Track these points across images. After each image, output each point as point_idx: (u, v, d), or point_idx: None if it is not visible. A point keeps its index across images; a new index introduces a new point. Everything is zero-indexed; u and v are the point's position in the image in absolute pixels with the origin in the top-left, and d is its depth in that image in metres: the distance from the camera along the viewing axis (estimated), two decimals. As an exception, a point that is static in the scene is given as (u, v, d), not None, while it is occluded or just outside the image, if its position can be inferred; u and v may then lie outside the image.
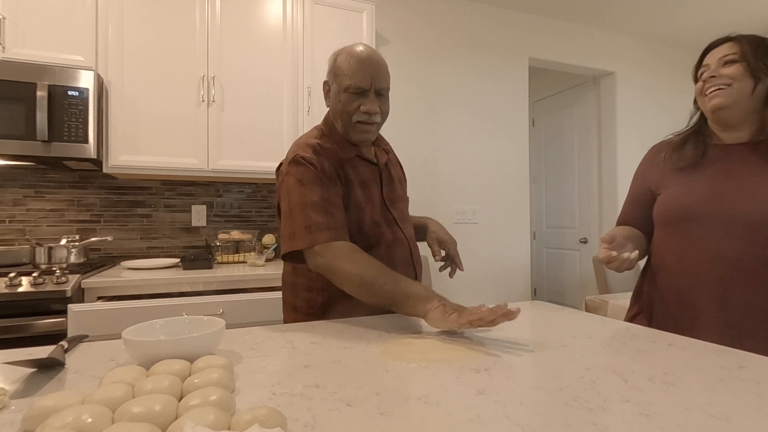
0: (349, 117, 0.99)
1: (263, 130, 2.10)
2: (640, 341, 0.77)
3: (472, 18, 2.97)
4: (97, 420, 0.40)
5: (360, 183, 1.03)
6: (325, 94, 1.06)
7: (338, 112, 1.01)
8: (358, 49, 0.99)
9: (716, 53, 0.97)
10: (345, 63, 0.98)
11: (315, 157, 0.96)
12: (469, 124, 2.94)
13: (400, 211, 1.11)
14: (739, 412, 0.48)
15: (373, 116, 0.99)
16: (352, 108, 0.98)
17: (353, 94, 0.97)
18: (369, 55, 0.98)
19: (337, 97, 1.00)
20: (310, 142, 1.00)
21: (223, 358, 0.57)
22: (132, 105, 1.91)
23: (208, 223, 2.34)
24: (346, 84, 0.97)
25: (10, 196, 2.02)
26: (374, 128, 1.02)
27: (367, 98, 0.98)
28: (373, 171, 1.07)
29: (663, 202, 1.04)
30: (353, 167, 1.03)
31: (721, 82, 0.94)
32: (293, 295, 1.07)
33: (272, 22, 2.12)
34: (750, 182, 0.92)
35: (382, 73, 0.99)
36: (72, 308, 1.39)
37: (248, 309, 1.60)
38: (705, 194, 0.96)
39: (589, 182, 3.59)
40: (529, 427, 0.45)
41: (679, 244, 1.00)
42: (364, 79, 0.96)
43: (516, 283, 3.10)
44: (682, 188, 1.00)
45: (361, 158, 1.05)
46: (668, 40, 3.60)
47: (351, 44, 1.02)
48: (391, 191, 1.10)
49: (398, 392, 0.54)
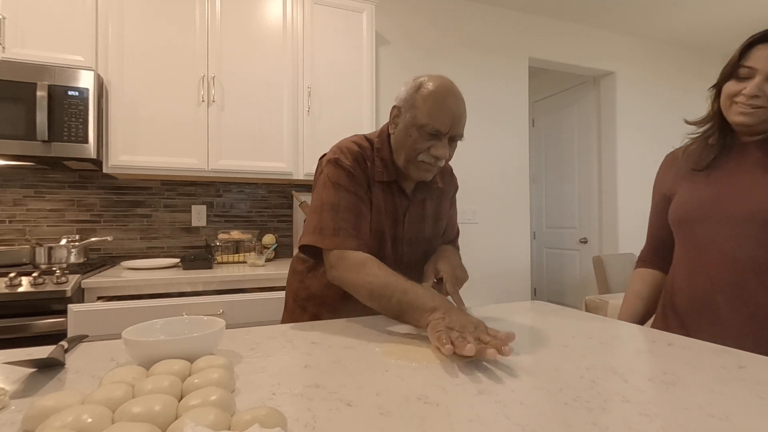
0: (416, 155, 0.94)
1: (263, 130, 2.10)
2: (640, 341, 0.77)
3: (472, 18, 2.97)
4: (97, 420, 0.40)
5: (378, 210, 0.98)
6: (392, 118, 0.99)
7: (405, 146, 0.95)
8: (445, 89, 0.92)
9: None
10: (428, 98, 0.91)
11: (354, 166, 0.95)
12: (469, 124, 2.94)
13: (413, 254, 1.05)
14: (739, 412, 0.48)
15: (440, 161, 0.94)
16: (421, 147, 0.93)
17: (428, 134, 0.92)
18: (456, 100, 0.93)
19: (408, 131, 0.94)
20: (355, 149, 0.97)
21: (223, 358, 0.57)
22: (132, 105, 1.91)
23: (208, 223, 2.34)
24: (422, 122, 0.91)
25: (10, 196, 2.02)
26: (435, 170, 0.97)
27: (440, 142, 0.93)
28: (401, 204, 1.02)
29: (675, 204, 1.01)
30: (383, 192, 0.99)
31: (758, 104, 0.85)
32: (299, 282, 1.08)
33: (272, 22, 2.12)
34: (760, 180, 0.89)
35: (462, 120, 0.94)
36: (72, 308, 1.39)
37: (248, 309, 1.60)
38: (713, 194, 0.93)
39: (589, 182, 3.59)
40: (529, 427, 0.45)
41: (690, 246, 0.97)
42: (444, 124, 0.91)
43: (516, 283, 3.09)
44: (693, 189, 0.97)
45: (397, 186, 1.01)
46: (668, 39, 3.60)
47: (437, 77, 0.94)
48: (413, 231, 1.04)
49: (398, 392, 0.54)
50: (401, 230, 1.02)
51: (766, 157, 0.89)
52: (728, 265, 0.89)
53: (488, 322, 0.91)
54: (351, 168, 0.95)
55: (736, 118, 0.89)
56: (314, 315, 1.04)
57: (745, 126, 0.89)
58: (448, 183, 1.13)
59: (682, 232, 0.99)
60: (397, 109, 0.98)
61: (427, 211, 1.07)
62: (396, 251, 1.02)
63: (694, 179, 0.98)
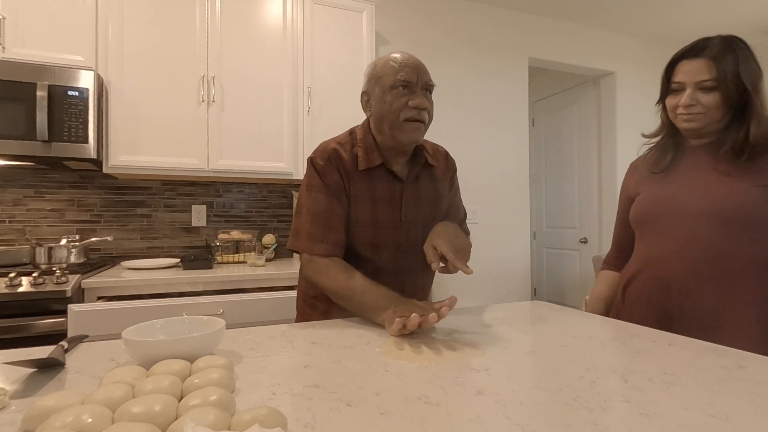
0: (397, 115, 0.95)
1: (263, 130, 2.10)
2: (640, 341, 0.77)
3: (472, 18, 2.97)
4: (97, 420, 0.40)
5: (371, 199, 1.01)
6: (364, 106, 1.03)
7: (385, 114, 0.97)
8: (397, 53, 0.99)
9: (692, 72, 0.96)
10: (387, 64, 0.97)
11: (325, 166, 0.99)
12: (469, 124, 2.94)
13: (414, 236, 1.05)
14: (739, 412, 0.48)
15: (422, 112, 0.96)
16: (400, 104, 0.95)
17: (401, 88, 0.95)
18: (410, 55, 0.98)
19: (382, 99, 0.97)
20: (330, 147, 1.01)
21: (223, 358, 0.57)
22: (132, 105, 1.91)
23: (208, 223, 2.34)
24: (392, 81, 0.95)
25: (10, 196, 2.02)
26: (423, 127, 0.98)
27: (414, 93, 0.95)
28: (394, 188, 1.03)
29: (636, 204, 1.10)
30: (370, 181, 1.01)
31: (697, 111, 0.96)
32: (305, 281, 1.09)
33: (272, 22, 2.12)
34: (708, 180, 0.97)
35: (426, 70, 0.98)
36: (72, 308, 1.39)
37: (248, 309, 1.60)
38: (669, 193, 1.02)
39: (589, 182, 3.59)
40: (529, 427, 0.45)
41: (647, 242, 1.05)
42: (411, 74, 0.95)
43: (516, 283, 3.10)
44: (652, 190, 1.06)
45: (386, 170, 1.02)
46: (668, 40, 3.60)
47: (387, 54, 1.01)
48: (412, 213, 1.05)
49: (398, 392, 0.54)
50: (399, 213, 1.03)
51: (714, 159, 0.99)
52: (682, 261, 0.96)
53: (488, 321, 0.91)
54: (323, 168, 0.99)
55: (683, 125, 1.00)
56: (325, 312, 1.04)
57: (693, 131, 0.99)
58: (442, 163, 1.14)
59: (640, 229, 1.08)
60: (366, 94, 1.02)
61: (423, 192, 1.07)
62: (396, 235, 1.03)
63: (654, 181, 1.07)
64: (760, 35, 3.43)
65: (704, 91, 0.95)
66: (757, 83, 0.93)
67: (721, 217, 0.92)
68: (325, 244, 0.96)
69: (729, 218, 0.92)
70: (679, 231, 0.98)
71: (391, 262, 1.03)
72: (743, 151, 0.94)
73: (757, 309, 0.91)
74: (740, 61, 0.93)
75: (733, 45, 0.94)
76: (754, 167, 0.93)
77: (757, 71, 0.94)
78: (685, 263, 0.96)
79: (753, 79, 0.93)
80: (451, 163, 1.17)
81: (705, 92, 0.95)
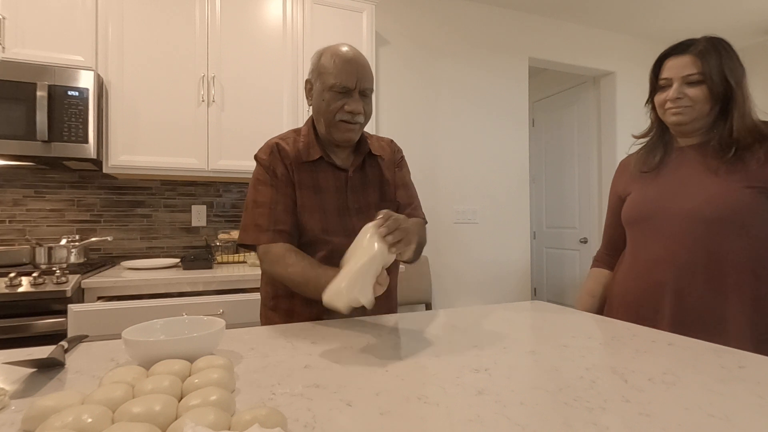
0: (333, 116, 0.99)
1: (263, 130, 2.10)
2: (640, 341, 0.77)
3: (472, 18, 2.97)
4: (97, 420, 0.40)
5: (315, 188, 1.03)
6: (307, 93, 1.05)
7: (321, 111, 1.01)
8: (343, 49, 0.99)
9: (678, 67, 0.99)
10: (330, 62, 0.97)
11: (269, 159, 1.02)
12: (469, 124, 2.94)
13: (364, 222, 1.01)
14: (739, 412, 0.48)
15: (357, 116, 0.99)
16: (336, 107, 0.98)
17: (338, 93, 0.97)
18: (354, 55, 0.98)
19: (321, 96, 0.99)
20: (272, 142, 1.04)
21: (223, 358, 0.57)
22: (132, 105, 1.91)
23: (208, 223, 2.34)
24: (330, 83, 0.97)
25: (10, 196, 2.02)
26: (357, 128, 1.01)
27: (351, 98, 0.98)
28: (339, 177, 1.06)
29: (627, 204, 1.11)
30: (314, 171, 1.03)
31: (684, 104, 0.98)
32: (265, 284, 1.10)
33: (272, 22, 2.12)
34: (697, 180, 0.99)
35: (367, 74, 0.99)
36: (72, 308, 1.39)
37: (248, 309, 1.60)
38: (659, 194, 1.03)
39: (589, 182, 3.59)
40: (529, 427, 0.45)
41: (638, 242, 1.06)
42: (350, 79, 0.96)
43: (516, 283, 3.10)
44: (643, 190, 1.08)
45: (328, 162, 1.05)
46: (668, 40, 3.59)
47: (335, 44, 1.02)
48: (360, 199, 1.07)
49: (398, 392, 0.54)
50: (346, 200, 1.05)
51: (702, 159, 1.00)
52: (674, 263, 0.97)
53: (488, 321, 0.91)
54: (267, 161, 1.02)
55: (671, 119, 1.02)
56: (287, 311, 1.04)
57: (681, 125, 1.01)
58: (387, 150, 1.15)
59: (632, 229, 1.09)
60: (309, 83, 1.04)
61: (370, 178, 1.09)
62: (344, 222, 1.04)
63: (644, 180, 1.09)
64: (759, 35, 3.43)
65: (691, 85, 0.97)
66: (741, 79, 0.96)
67: (710, 218, 0.94)
68: (271, 233, 0.97)
69: (717, 219, 0.93)
70: (669, 233, 0.99)
71: (345, 246, 1.02)
72: (729, 147, 0.96)
73: (750, 308, 0.92)
74: (724, 59, 0.96)
75: (718, 45, 0.97)
76: (741, 165, 0.95)
77: (740, 69, 0.97)
78: (676, 265, 0.97)
79: (736, 75, 0.96)
80: (396, 149, 1.19)
81: (692, 86, 0.97)
